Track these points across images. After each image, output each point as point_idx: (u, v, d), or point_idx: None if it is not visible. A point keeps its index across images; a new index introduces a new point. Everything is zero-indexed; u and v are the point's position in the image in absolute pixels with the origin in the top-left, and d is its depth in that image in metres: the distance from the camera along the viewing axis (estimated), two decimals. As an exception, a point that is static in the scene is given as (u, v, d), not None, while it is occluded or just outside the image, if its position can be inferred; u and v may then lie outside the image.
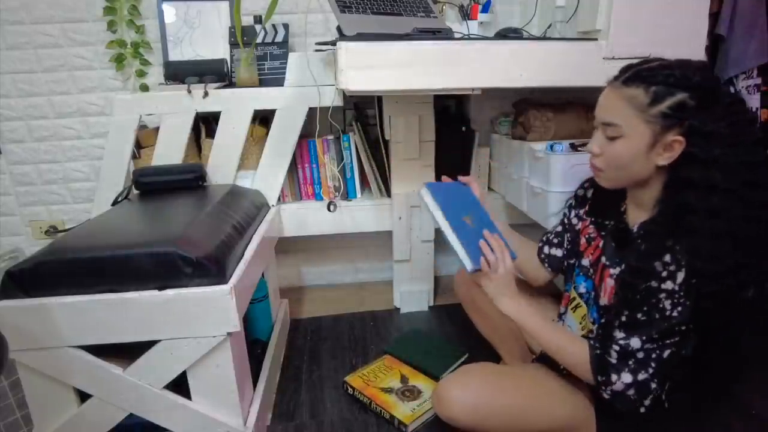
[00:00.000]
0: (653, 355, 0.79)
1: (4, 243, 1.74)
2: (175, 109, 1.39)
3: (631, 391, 0.81)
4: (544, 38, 1.35)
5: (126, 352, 0.95)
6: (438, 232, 1.62)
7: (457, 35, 1.25)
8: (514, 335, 1.22)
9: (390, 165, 1.52)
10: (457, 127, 1.57)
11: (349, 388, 1.26)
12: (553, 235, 1.10)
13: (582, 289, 0.99)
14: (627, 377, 0.81)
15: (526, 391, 0.94)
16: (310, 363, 1.42)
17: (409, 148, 1.49)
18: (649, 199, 0.86)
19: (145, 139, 1.46)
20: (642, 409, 0.91)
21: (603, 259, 0.94)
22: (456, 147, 1.58)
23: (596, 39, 1.16)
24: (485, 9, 1.50)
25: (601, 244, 0.96)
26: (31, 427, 1.00)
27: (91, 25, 1.55)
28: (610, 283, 0.91)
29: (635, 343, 0.80)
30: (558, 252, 1.09)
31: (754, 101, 1.41)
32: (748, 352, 0.96)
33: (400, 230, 1.59)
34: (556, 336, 0.92)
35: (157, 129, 1.42)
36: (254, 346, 1.30)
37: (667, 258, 0.77)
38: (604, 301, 0.92)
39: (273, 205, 1.48)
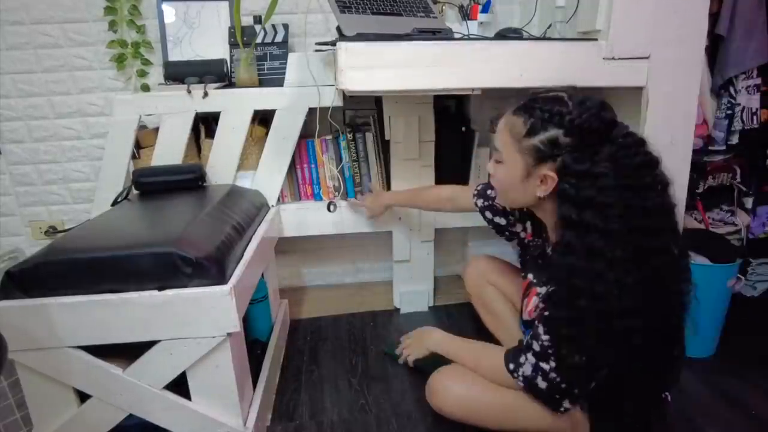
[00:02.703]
0: (551, 350, 0.85)
1: (4, 243, 1.73)
2: (174, 110, 1.39)
3: (540, 381, 0.86)
4: (544, 38, 1.35)
5: (126, 352, 0.95)
6: (438, 231, 1.63)
7: (457, 35, 1.24)
8: (521, 333, 1.22)
9: (390, 165, 1.51)
10: (457, 127, 1.57)
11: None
12: (495, 205, 1.14)
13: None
14: (531, 359, 0.87)
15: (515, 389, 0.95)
16: (310, 363, 1.42)
17: (409, 148, 1.49)
18: (549, 223, 0.91)
19: (144, 139, 1.46)
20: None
21: (530, 276, 0.99)
22: (456, 147, 1.58)
23: (596, 39, 1.16)
24: (485, 9, 1.50)
25: (528, 258, 1.05)
26: (30, 428, 1.00)
27: (91, 25, 1.55)
28: (534, 301, 0.95)
29: (540, 329, 0.85)
30: (502, 221, 1.14)
31: (754, 101, 1.40)
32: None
33: (400, 230, 1.59)
34: (476, 348, 1.03)
35: (157, 129, 1.42)
36: (254, 346, 1.30)
37: None
38: (525, 316, 0.94)
39: (273, 206, 1.48)
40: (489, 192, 1.15)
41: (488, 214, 1.17)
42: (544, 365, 0.86)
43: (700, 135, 1.41)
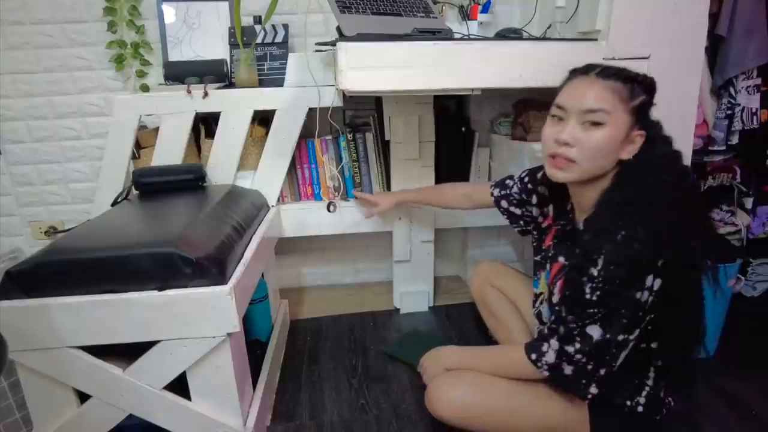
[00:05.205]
0: (575, 332, 0.84)
1: (4, 243, 1.74)
2: (174, 110, 1.39)
3: (565, 366, 0.86)
4: (544, 38, 1.35)
5: (126, 352, 0.95)
6: (438, 232, 1.63)
7: (457, 35, 1.24)
8: (523, 335, 1.22)
9: (390, 165, 1.51)
10: (456, 127, 1.57)
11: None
12: (513, 195, 1.16)
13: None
14: (555, 344, 0.87)
15: (516, 392, 0.94)
16: (309, 363, 1.42)
17: (409, 149, 1.49)
18: (591, 199, 0.91)
19: (145, 139, 1.46)
20: (640, 408, 0.91)
21: (561, 258, 0.99)
22: (456, 147, 1.58)
23: (596, 39, 1.16)
24: (485, 9, 1.50)
25: (555, 243, 1.03)
26: (30, 428, 1.00)
27: (91, 25, 1.55)
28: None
29: (565, 312, 0.87)
30: (517, 210, 1.17)
31: (754, 101, 1.40)
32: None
33: (400, 230, 1.59)
34: (491, 350, 1.04)
35: (157, 129, 1.42)
36: (254, 346, 1.30)
37: None
38: (555, 298, 0.95)
39: (273, 206, 1.48)
40: (507, 181, 1.18)
41: (504, 204, 1.18)
42: (569, 348, 0.85)
43: (700, 135, 1.41)
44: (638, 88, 0.85)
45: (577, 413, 0.93)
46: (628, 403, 0.91)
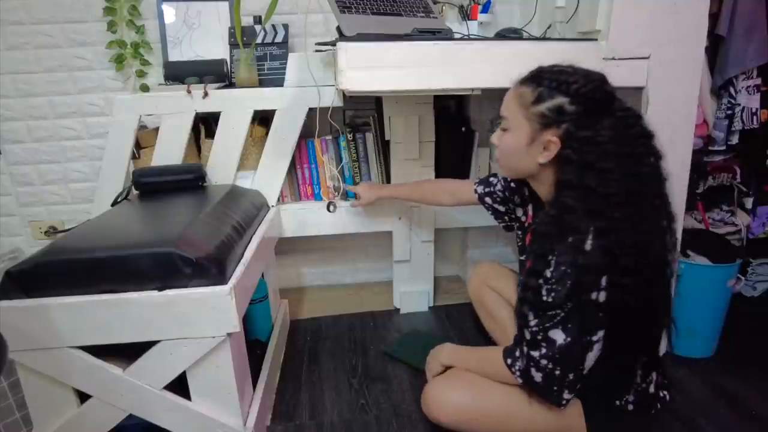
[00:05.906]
0: (539, 336, 0.85)
1: (4, 243, 1.74)
2: (174, 110, 1.39)
3: (534, 372, 0.87)
4: (544, 38, 1.35)
5: (126, 352, 0.95)
6: (438, 232, 1.63)
7: (457, 35, 1.24)
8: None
9: (390, 165, 1.51)
10: (457, 127, 1.57)
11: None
12: (497, 192, 1.18)
13: None
14: (524, 349, 0.88)
15: (512, 395, 0.94)
16: (309, 363, 1.42)
17: (409, 149, 1.49)
18: (548, 195, 0.92)
19: (145, 139, 1.46)
20: (630, 407, 0.91)
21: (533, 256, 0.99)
22: (456, 147, 1.58)
23: (596, 39, 1.16)
24: (485, 9, 1.50)
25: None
26: (30, 428, 0.99)
27: (91, 25, 1.55)
28: None
29: (530, 317, 0.86)
30: (501, 208, 1.19)
31: (754, 101, 1.41)
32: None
33: (400, 230, 1.59)
34: (480, 353, 1.03)
35: (157, 129, 1.42)
36: (254, 346, 1.30)
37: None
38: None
39: (273, 206, 1.48)
40: (491, 179, 1.19)
41: (488, 200, 1.20)
42: (534, 353, 0.86)
43: (700, 135, 1.41)
44: (549, 92, 0.83)
45: (573, 415, 0.93)
46: (618, 402, 0.92)
